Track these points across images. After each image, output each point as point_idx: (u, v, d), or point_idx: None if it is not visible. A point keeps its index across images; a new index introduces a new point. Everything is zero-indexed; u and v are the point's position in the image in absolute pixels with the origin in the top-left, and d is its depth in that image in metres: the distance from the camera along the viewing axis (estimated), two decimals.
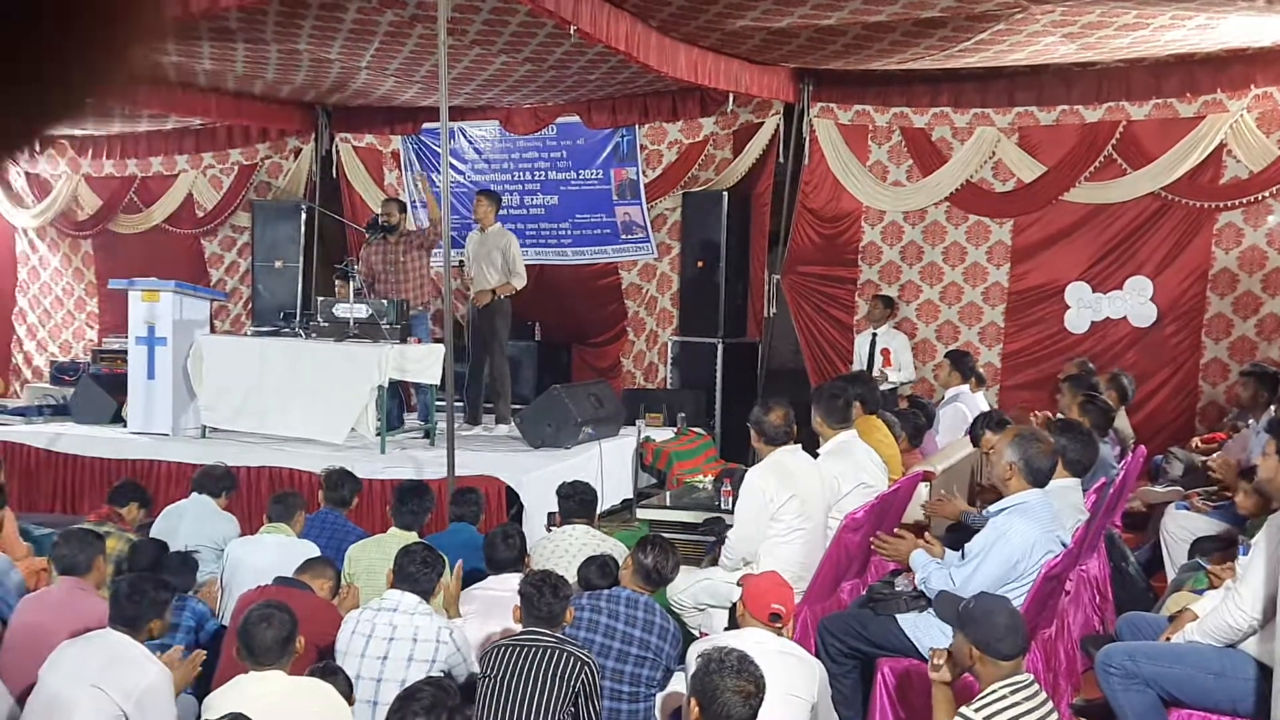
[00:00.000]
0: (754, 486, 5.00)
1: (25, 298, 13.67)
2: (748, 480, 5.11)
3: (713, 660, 3.01)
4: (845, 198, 9.83)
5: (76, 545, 4.40)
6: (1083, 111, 8.99)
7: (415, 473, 6.94)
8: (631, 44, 7.22)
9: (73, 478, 8.27)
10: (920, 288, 9.68)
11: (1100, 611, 5.73)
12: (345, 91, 10.43)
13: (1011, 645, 3.24)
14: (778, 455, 5.08)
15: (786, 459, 5.07)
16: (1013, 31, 7.42)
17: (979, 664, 3.27)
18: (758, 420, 5.13)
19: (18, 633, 4.03)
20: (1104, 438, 6.16)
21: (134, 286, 8.51)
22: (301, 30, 7.99)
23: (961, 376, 7.89)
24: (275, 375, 8.00)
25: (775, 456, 5.08)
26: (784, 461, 5.06)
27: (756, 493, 4.97)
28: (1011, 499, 4.30)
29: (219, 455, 7.41)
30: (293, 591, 4.23)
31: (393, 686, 3.79)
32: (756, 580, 3.96)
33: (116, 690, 3.47)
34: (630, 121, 10.55)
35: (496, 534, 4.85)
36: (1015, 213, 9.33)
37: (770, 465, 5.07)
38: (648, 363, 10.80)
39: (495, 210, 8.91)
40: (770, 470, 5.03)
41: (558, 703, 3.64)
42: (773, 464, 5.06)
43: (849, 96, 9.69)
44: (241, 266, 12.26)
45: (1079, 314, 9.13)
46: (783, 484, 4.94)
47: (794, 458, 5.12)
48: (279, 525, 5.39)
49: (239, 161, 12.25)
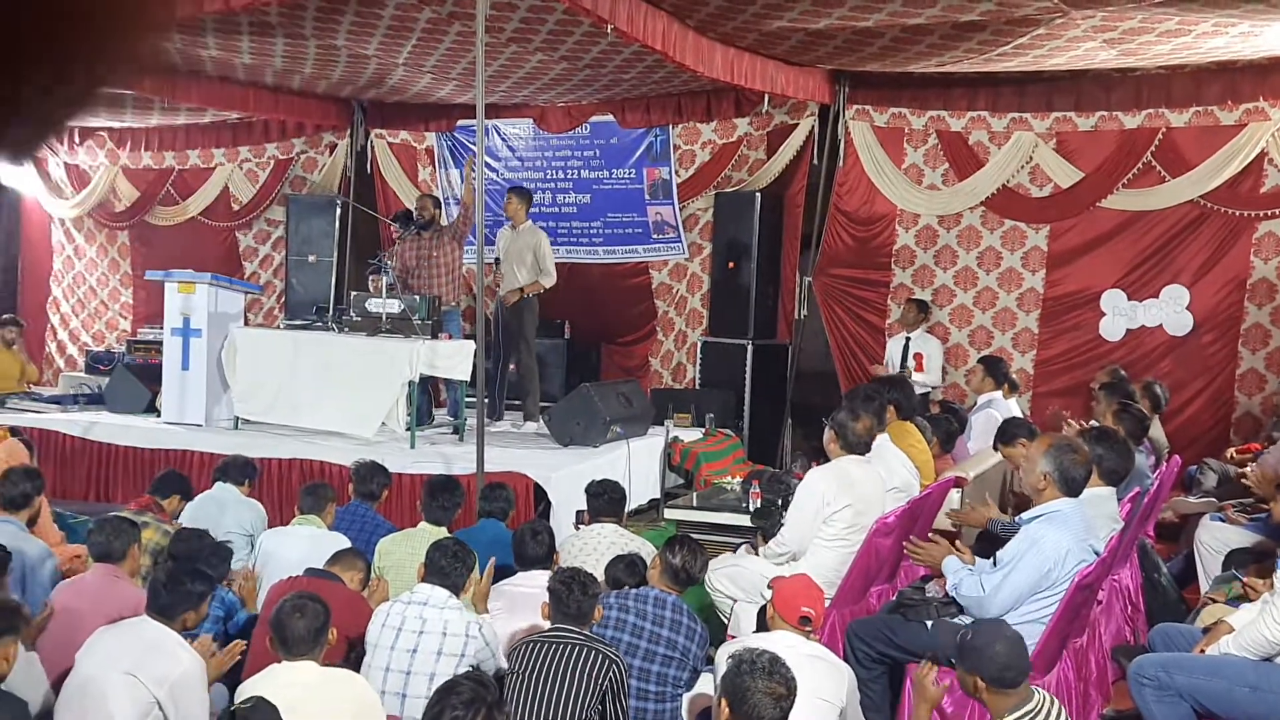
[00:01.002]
0: (814, 488, 5.00)
1: (60, 287, 13.81)
2: (808, 480, 5.11)
3: (744, 661, 3.00)
4: (879, 200, 9.79)
5: (112, 533, 4.44)
6: (1122, 118, 8.92)
7: (444, 468, 6.96)
8: (668, 43, 7.22)
9: (107, 466, 8.35)
10: (954, 292, 9.63)
11: (1132, 622, 5.68)
12: (381, 87, 10.48)
13: (1014, 674, 3.20)
14: (844, 463, 5.06)
15: (852, 468, 5.06)
16: (1052, 36, 7.37)
17: (985, 694, 3.23)
18: (842, 424, 5.09)
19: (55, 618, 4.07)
20: (1139, 446, 6.11)
21: (170, 278, 8.58)
22: (340, 26, 8.03)
23: (995, 382, 7.85)
24: (308, 369, 8.05)
25: (842, 463, 5.07)
26: (849, 469, 5.04)
27: (815, 494, 4.97)
28: (1044, 506, 4.26)
29: (251, 447, 7.46)
30: (324, 583, 4.25)
31: (421, 679, 3.81)
32: (787, 583, 3.95)
33: (150, 678, 3.50)
34: (664, 121, 10.55)
35: (525, 530, 4.86)
36: (1052, 218, 9.27)
37: (834, 469, 5.06)
38: (676, 363, 10.79)
39: (526, 207, 8.92)
40: (833, 474, 5.03)
41: (585, 700, 3.65)
42: (837, 469, 5.05)
43: (885, 99, 9.65)
44: (275, 260, 12.34)
45: (1114, 321, 9.06)
46: (842, 490, 4.94)
47: (861, 468, 5.10)
48: (310, 517, 5.43)
49: (275, 156, 12.33)
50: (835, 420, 5.16)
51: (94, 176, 13.31)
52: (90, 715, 3.49)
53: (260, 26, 8.15)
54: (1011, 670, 3.19)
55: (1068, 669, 4.44)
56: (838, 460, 5.10)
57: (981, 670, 3.20)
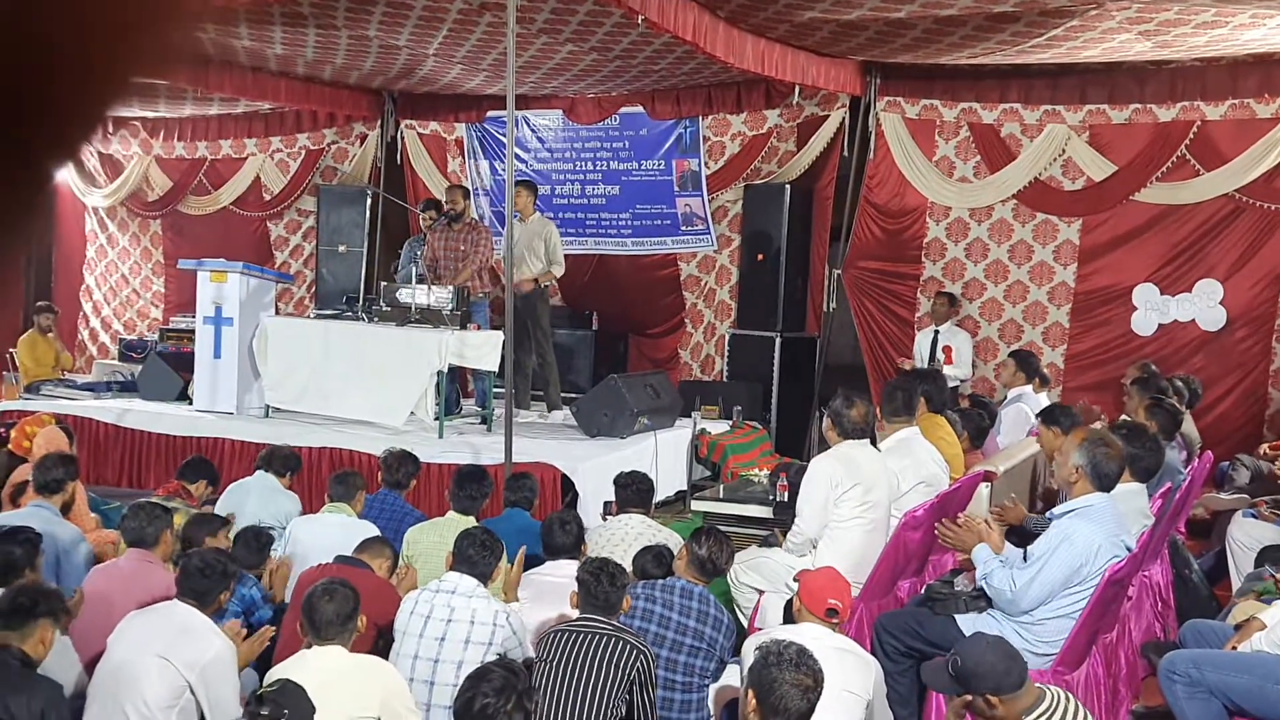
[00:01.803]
0: (819, 473, 5.03)
1: (93, 275, 13.95)
2: (812, 467, 5.13)
3: (771, 653, 3.00)
4: (910, 193, 9.74)
5: (145, 518, 4.49)
6: (1156, 110, 8.83)
7: (472, 458, 6.99)
8: (699, 34, 7.20)
9: (139, 452, 8.43)
10: (984, 285, 9.57)
11: (1162, 618, 5.64)
12: (412, 78, 10.51)
13: (1018, 673, 3.16)
14: (845, 447, 5.09)
15: (853, 451, 5.09)
16: (1086, 28, 7.31)
17: (1001, 708, 3.19)
18: (837, 412, 5.13)
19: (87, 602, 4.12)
20: (1171, 442, 6.06)
21: (203, 267, 8.65)
22: (372, 16, 8.06)
23: (1025, 377, 7.80)
24: (338, 358, 8.10)
25: (842, 447, 5.10)
26: (850, 453, 5.07)
27: (822, 478, 5.00)
28: (1076, 501, 4.24)
29: (282, 435, 7.53)
30: (353, 570, 4.28)
31: (449, 667, 3.83)
32: (813, 576, 3.95)
33: (182, 661, 3.54)
34: (694, 113, 10.53)
35: (554, 520, 4.87)
36: (1084, 212, 9.19)
37: (835, 454, 5.09)
38: (705, 355, 10.79)
39: (534, 200, 9.02)
40: (835, 459, 5.06)
41: (612, 690, 3.66)
42: (838, 454, 5.09)
43: (917, 90, 9.60)
44: (306, 250, 12.41)
45: (1146, 316, 8.98)
46: (848, 472, 4.97)
47: (861, 451, 5.13)
48: (340, 505, 5.46)
49: (306, 146, 12.40)
50: (831, 408, 5.21)
51: (127, 166, 13.43)
52: (123, 698, 3.53)
53: (293, 17, 8.19)
54: (1012, 672, 3.16)
55: (1097, 665, 4.41)
56: (837, 445, 5.13)
57: (986, 687, 3.16)
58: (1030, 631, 4.11)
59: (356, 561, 4.46)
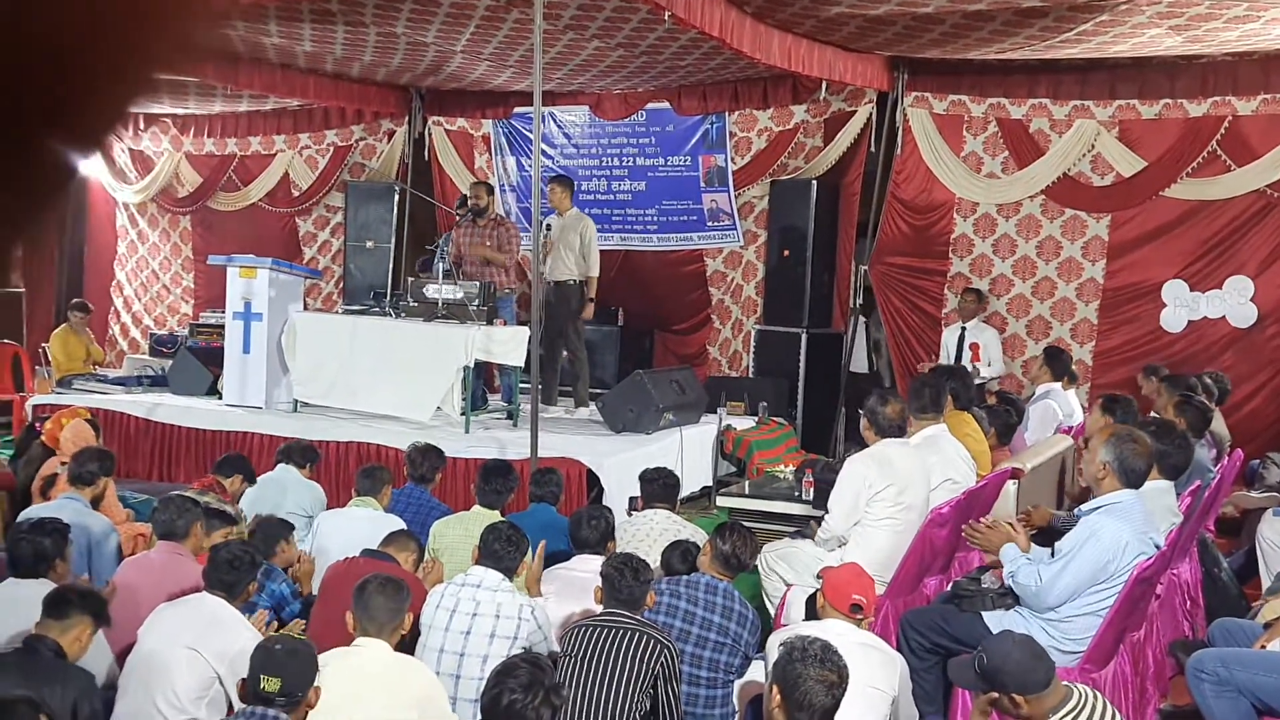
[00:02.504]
0: (854, 472, 5.03)
1: (123, 271, 14.08)
2: (847, 466, 5.13)
3: (795, 649, 3.00)
4: (937, 188, 9.70)
5: (175, 511, 4.53)
6: (1186, 105, 8.76)
7: (498, 452, 7.01)
8: (725, 30, 7.19)
9: (169, 446, 8.50)
10: (1012, 281, 9.52)
11: (1191, 617, 5.60)
12: (439, 75, 10.54)
13: (1045, 671, 3.14)
14: (881, 446, 5.09)
15: (890, 450, 5.09)
16: (1116, 23, 7.25)
17: (1026, 706, 3.18)
18: (873, 410, 5.15)
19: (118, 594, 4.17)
20: (1200, 439, 6.02)
21: (232, 263, 8.71)
22: (400, 13, 8.09)
23: (1054, 374, 7.76)
24: (365, 353, 8.14)
25: (879, 446, 5.10)
26: (886, 452, 5.08)
27: (856, 478, 5.00)
28: (1104, 498, 4.21)
29: (310, 429, 7.58)
30: (379, 563, 4.31)
31: (475, 661, 3.85)
32: (837, 572, 3.95)
33: (211, 653, 3.58)
34: (720, 108, 10.51)
35: (582, 514, 4.88)
36: (1113, 208, 9.13)
37: (871, 453, 5.10)
38: (731, 351, 10.78)
39: (570, 195, 9.01)
40: (871, 458, 5.07)
41: (637, 684, 3.67)
42: (874, 453, 5.09)
43: (944, 86, 9.55)
44: (334, 246, 12.48)
45: (1175, 312, 8.91)
46: (882, 472, 4.96)
47: (898, 450, 5.12)
48: (366, 499, 5.49)
49: (334, 143, 12.47)
50: (866, 407, 5.24)
51: (158, 162, 13.54)
52: (154, 689, 3.58)
53: (321, 14, 8.24)
54: (1038, 671, 3.13)
55: (1125, 663, 4.39)
56: (874, 445, 5.13)
57: (1011, 685, 3.14)
58: (1057, 629, 4.09)
59: (383, 555, 4.49)
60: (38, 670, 3.37)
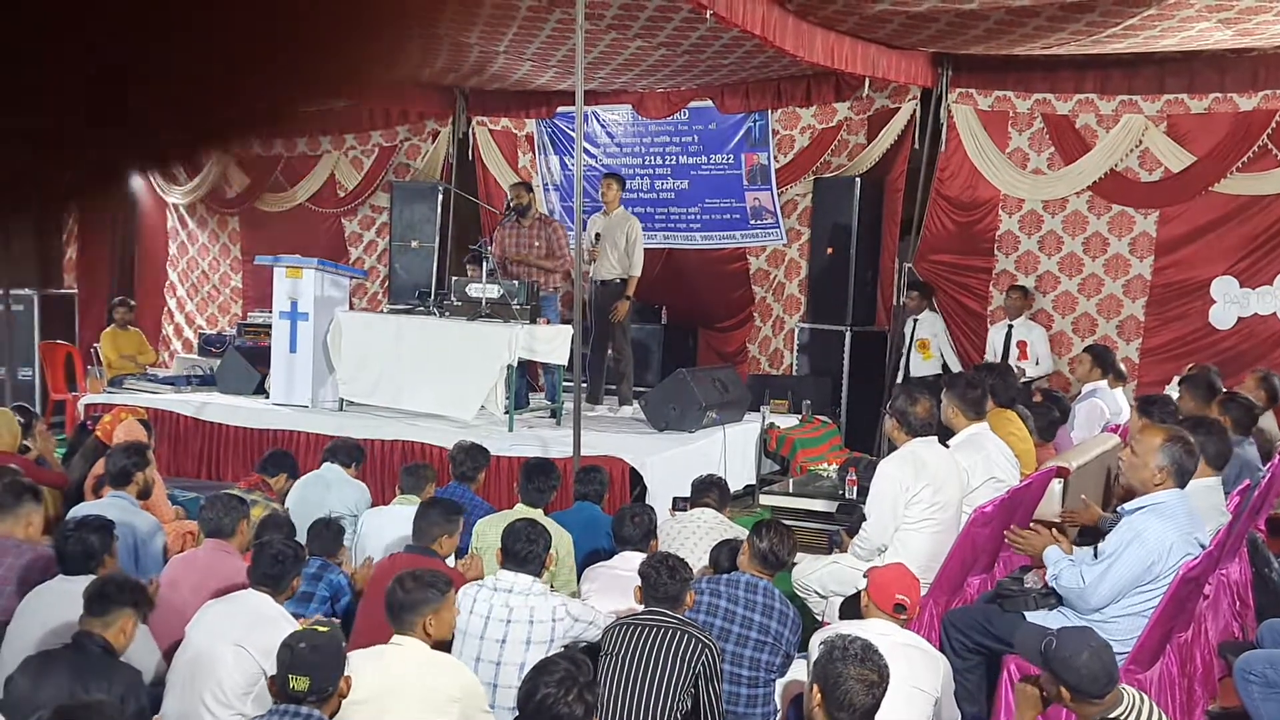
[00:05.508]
0: (888, 476, 4.98)
1: (175, 272, 14.27)
2: (880, 470, 5.08)
3: (836, 648, 3.00)
4: (982, 185, 9.62)
5: (222, 509, 4.60)
6: (1236, 100, 8.63)
7: (542, 451, 7.04)
8: (768, 28, 7.17)
9: (217, 445, 8.61)
10: (1058, 278, 9.42)
11: (1240, 618, 5.52)
12: (483, 75, 10.60)
13: (1102, 684, 3.12)
14: (912, 446, 5.05)
15: (921, 450, 5.03)
16: (1164, 17, 7.15)
17: (1071, 703, 3.15)
18: (902, 410, 5.09)
19: (166, 591, 4.23)
20: (1246, 436, 5.93)
21: (279, 263, 8.80)
22: (443, 14, 8.14)
23: (1101, 372, 7.67)
24: (410, 352, 8.21)
25: (910, 447, 5.05)
26: (918, 452, 5.02)
27: (891, 482, 4.95)
28: (1148, 498, 4.17)
29: (355, 428, 7.66)
30: (423, 559, 4.35)
31: (512, 670, 3.84)
32: (882, 571, 3.93)
33: (257, 649, 3.63)
34: (763, 106, 10.49)
35: (625, 511, 4.90)
36: (1161, 203, 9.01)
37: (904, 455, 5.04)
38: (774, 349, 10.75)
39: (620, 193, 9.02)
40: (904, 460, 5.01)
41: (678, 683, 3.68)
42: (906, 454, 5.03)
43: (989, 82, 9.47)
44: (379, 245, 12.59)
45: (1225, 309, 8.78)
46: (917, 474, 4.92)
47: (929, 449, 5.07)
48: (410, 497, 5.54)
49: (379, 143, 12.58)
50: (894, 408, 5.16)
51: (206, 164, 13.69)
52: (201, 685, 3.63)
53: None
54: (1099, 681, 3.11)
55: (1172, 664, 4.34)
56: (905, 446, 5.08)
57: (1067, 680, 3.13)
58: (1101, 630, 4.03)
59: (427, 551, 4.53)
60: (86, 667, 3.43)
